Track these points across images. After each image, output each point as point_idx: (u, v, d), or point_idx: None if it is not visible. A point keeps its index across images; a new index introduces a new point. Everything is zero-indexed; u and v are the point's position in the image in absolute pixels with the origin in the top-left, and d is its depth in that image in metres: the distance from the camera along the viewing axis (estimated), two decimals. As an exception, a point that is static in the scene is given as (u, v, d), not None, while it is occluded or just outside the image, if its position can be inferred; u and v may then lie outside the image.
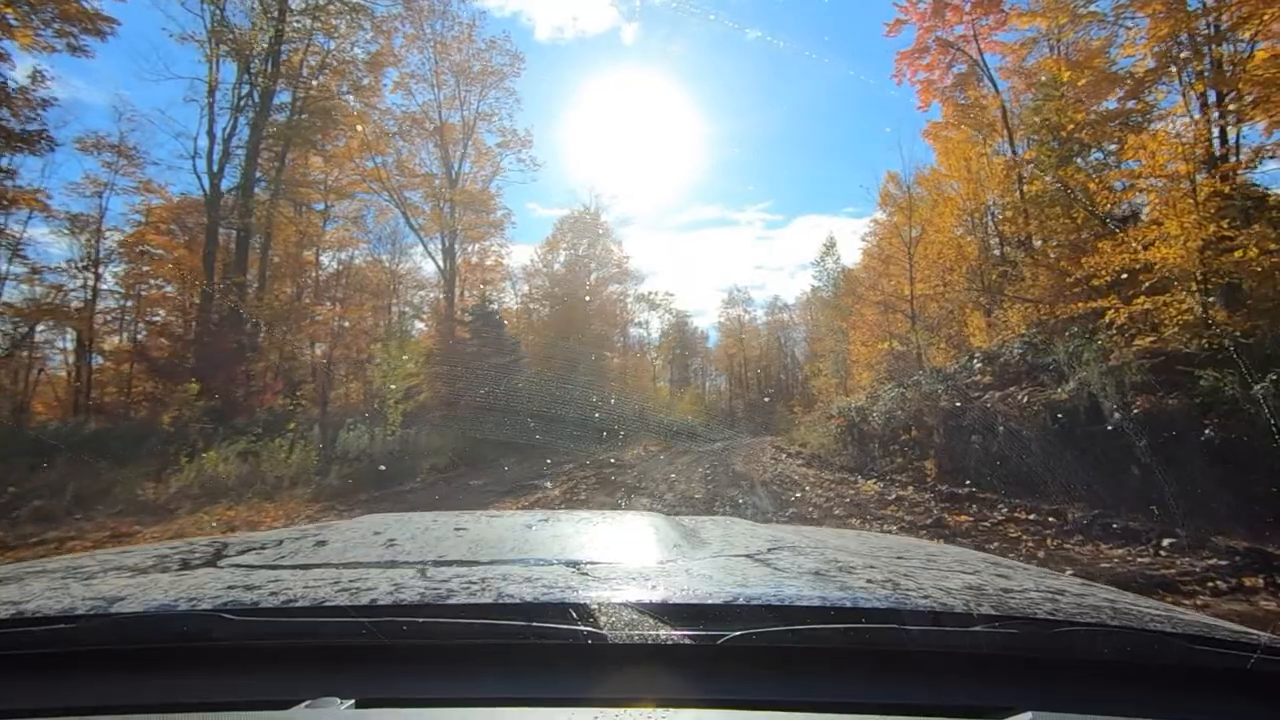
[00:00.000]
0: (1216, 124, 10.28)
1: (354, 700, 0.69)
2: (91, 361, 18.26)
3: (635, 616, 0.76)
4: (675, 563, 1.11)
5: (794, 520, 6.83)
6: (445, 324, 23.84)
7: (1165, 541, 5.01)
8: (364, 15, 17.73)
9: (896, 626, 0.77)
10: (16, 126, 12.00)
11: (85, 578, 0.98)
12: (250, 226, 15.92)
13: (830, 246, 36.47)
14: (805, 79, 60.66)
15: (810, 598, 0.83)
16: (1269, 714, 0.75)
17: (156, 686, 0.75)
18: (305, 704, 0.68)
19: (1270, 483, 5.79)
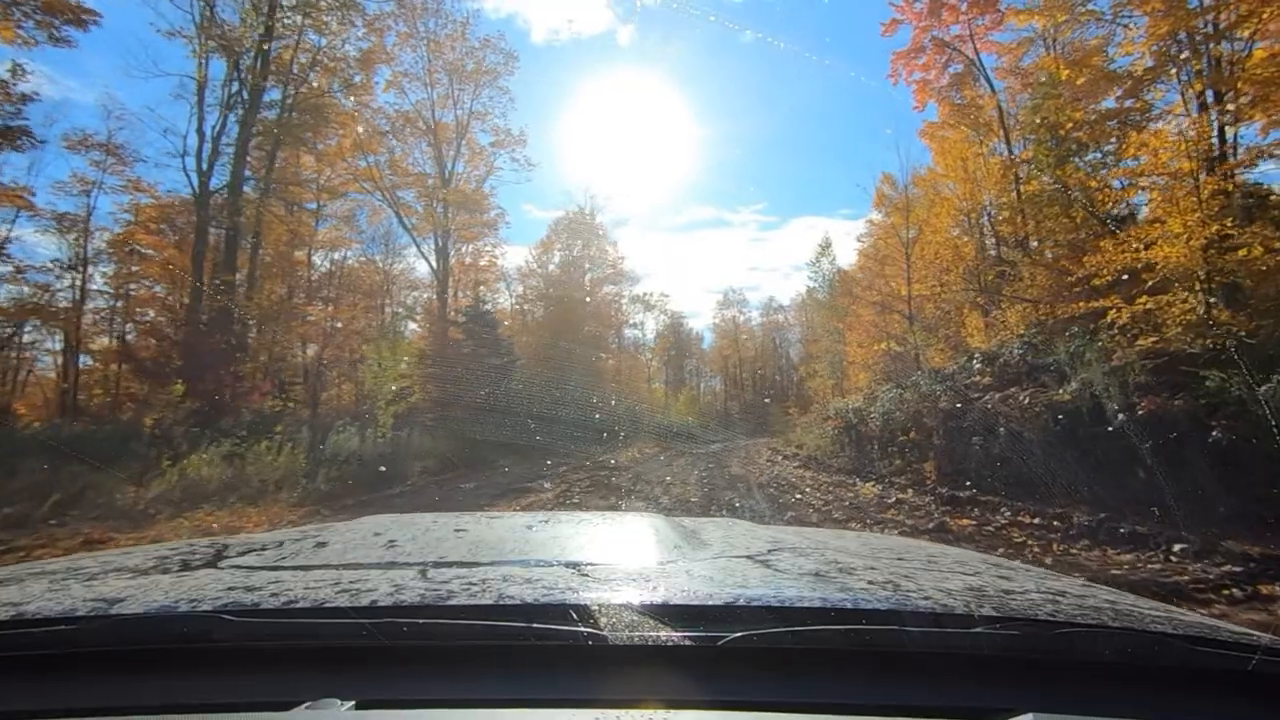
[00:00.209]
0: (1215, 123, 10.21)
1: (354, 701, 0.68)
2: (79, 363, 17.97)
3: (636, 618, 0.75)
4: (676, 564, 1.11)
5: (793, 524, 6.67)
6: (438, 325, 23.60)
7: (1175, 547, 4.87)
8: (355, 12, 17.51)
9: (897, 628, 0.76)
10: (-3, 121, 11.74)
11: (86, 579, 0.98)
12: (239, 225, 15.65)
13: (825, 247, 36.34)
14: (800, 81, 60.77)
15: (811, 599, 0.82)
16: (1270, 715, 0.74)
17: (157, 688, 0.75)
18: (306, 705, 0.68)
19: (1278, 486, 5.67)
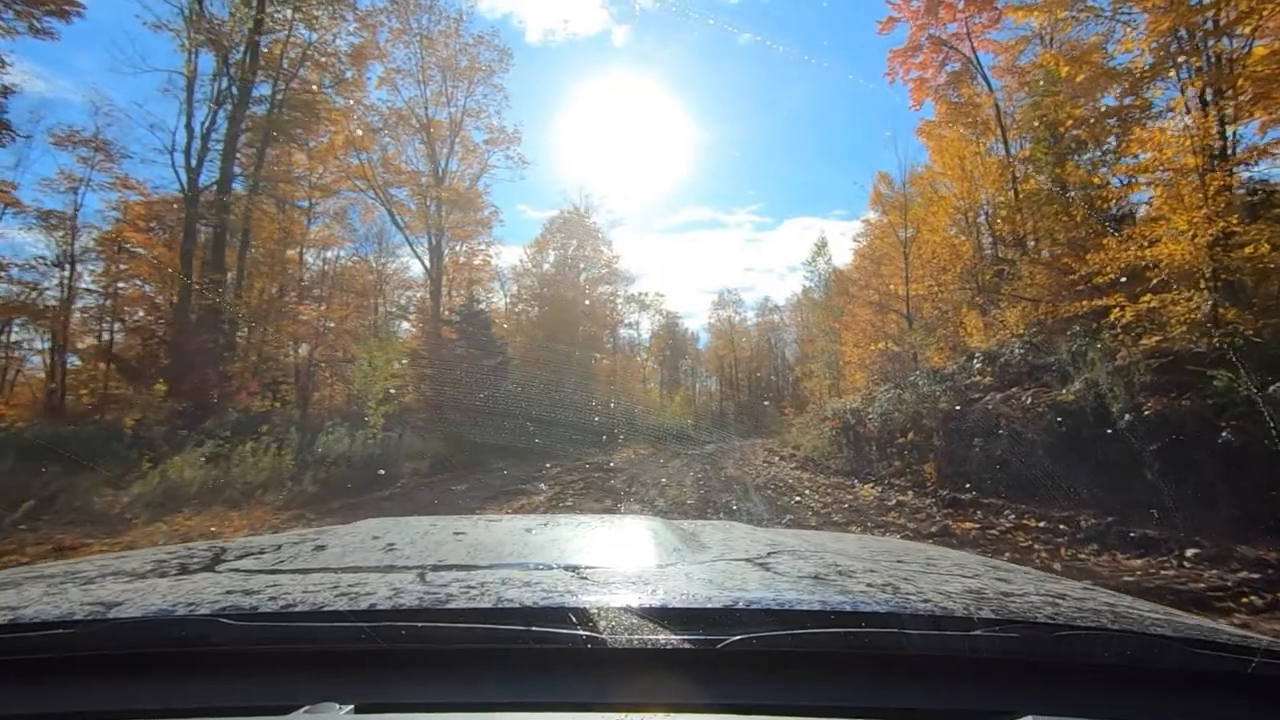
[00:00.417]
0: (1215, 120, 10.10)
1: (353, 705, 0.67)
2: (67, 362, 17.64)
3: (635, 621, 0.75)
4: (675, 567, 1.10)
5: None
6: (431, 324, 23.35)
7: (1189, 552, 4.71)
8: (346, 7, 17.24)
9: (896, 631, 0.75)
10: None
11: (83, 582, 0.96)
12: (227, 223, 15.38)
13: (821, 247, 36.28)
14: (795, 82, 60.78)
15: (810, 602, 0.82)
16: (1270, 718, 0.74)
17: (154, 692, 0.74)
18: (304, 709, 0.67)
19: (1291, 488, 5.52)
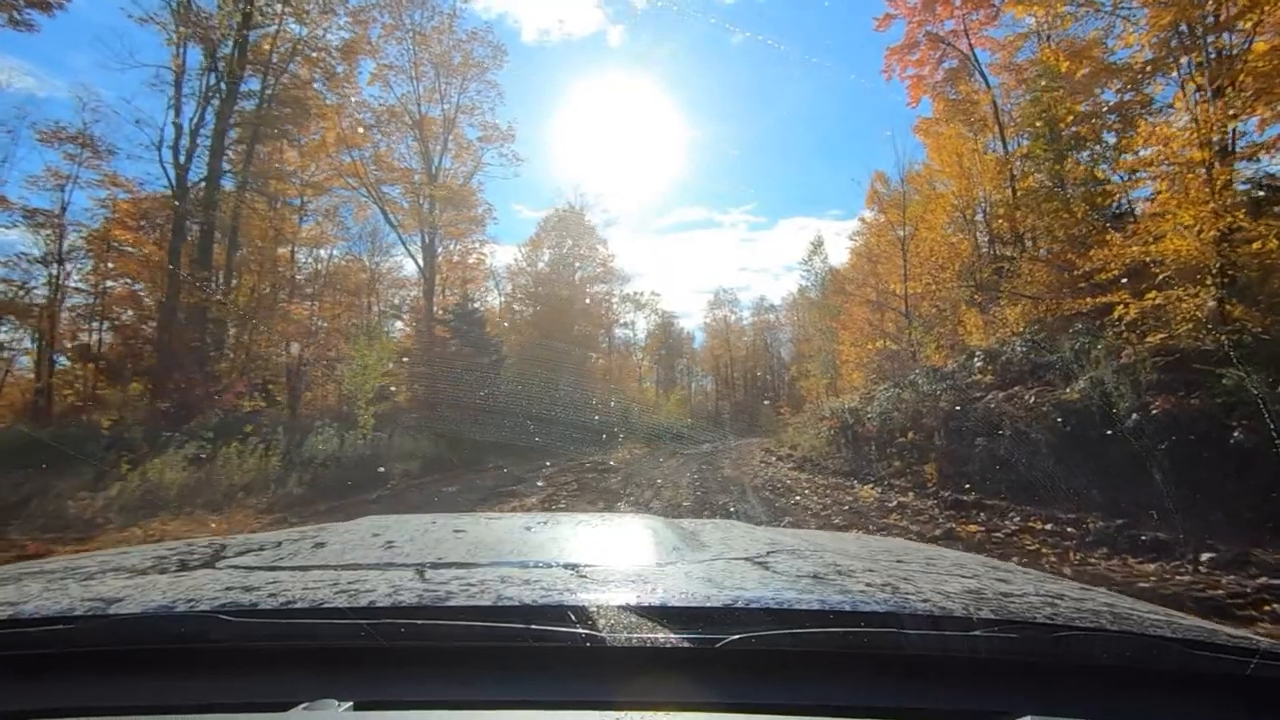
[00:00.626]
0: (1216, 115, 9.98)
1: (352, 702, 0.67)
2: (56, 363, 17.31)
3: (634, 619, 0.74)
4: (674, 565, 1.10)
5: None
6: (424, 323, 23.09)
7: (1204, 556, 4.54)
8: (337, 0, 17.01)
9: (895, 630, 0.74)
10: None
11: (83, 578, 0.96)
12: (215, 219, 15.11)
13: (818, 245, 36.24)
14: (790, 83, 60.68)
15: (809, 601, 0.81)
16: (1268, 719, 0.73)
17: (154, 688, 0.73)
18: (303, 706, 0.66)
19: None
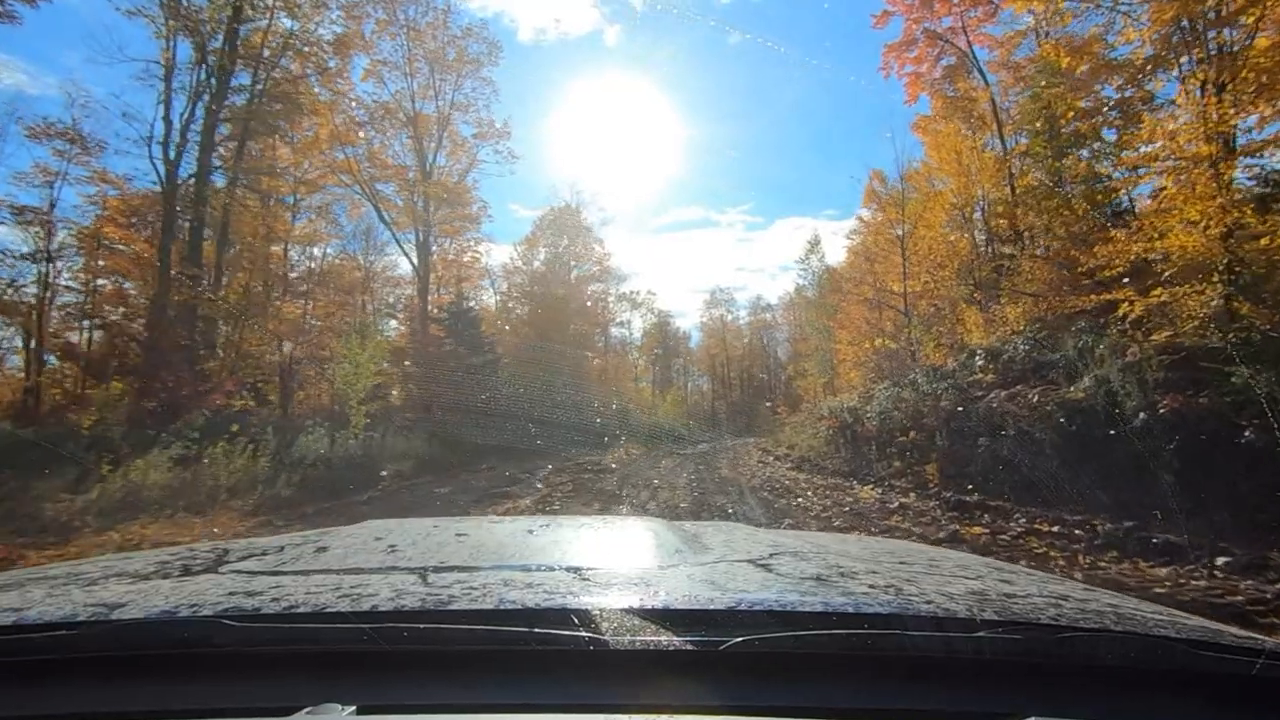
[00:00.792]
0: (1216, 111, 9.88)
1: (355, 706, 0.67)
2: (46, 361, 17.04)
3: (637, 622, 0.74)
4: (677, 568, 1.09)
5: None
6: (418, 322, 22.87)
7: (1219, 560, 4.40)
8: (329, -7, 16.77)
9: (899, 632, 0.74)
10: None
11: (86, 584, 0.96)
12: (204, 216, 14.87)
13: (815, 244, 36.11)
14: (787, 83, 60.50)
15: (813, 603, 0.81)
16: None
17: (157, 693, 0.73)
18: (306, 710, 0.66)
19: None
